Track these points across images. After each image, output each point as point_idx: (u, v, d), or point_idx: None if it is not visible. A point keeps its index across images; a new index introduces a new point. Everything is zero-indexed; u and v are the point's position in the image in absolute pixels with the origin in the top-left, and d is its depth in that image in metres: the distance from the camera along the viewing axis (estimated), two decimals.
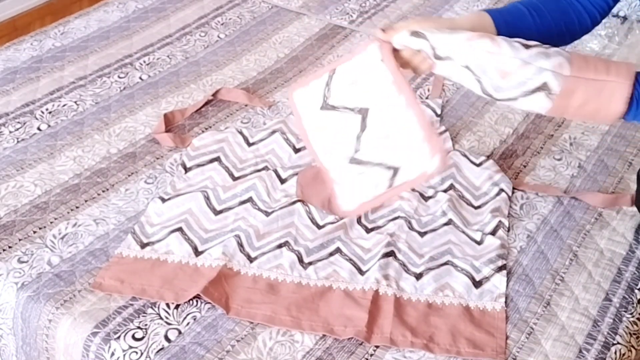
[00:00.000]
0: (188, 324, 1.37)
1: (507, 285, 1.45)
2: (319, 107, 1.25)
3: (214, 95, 1.97)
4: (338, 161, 1.25)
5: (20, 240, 1.53)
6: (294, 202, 1.60)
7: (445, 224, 1.57)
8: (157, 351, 1.32)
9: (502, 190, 1.66)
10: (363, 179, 1.22)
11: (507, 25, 1.31)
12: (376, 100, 1.21)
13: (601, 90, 1.18)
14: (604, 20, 2.28)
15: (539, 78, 1.18)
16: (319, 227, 1.56)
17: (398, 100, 1.20)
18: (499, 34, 1.29)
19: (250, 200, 1.62)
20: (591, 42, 2.22)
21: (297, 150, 1.77)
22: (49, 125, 1.85)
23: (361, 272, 1.47)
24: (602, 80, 1.18)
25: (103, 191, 1.66)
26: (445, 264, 1.48)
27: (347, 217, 1.46)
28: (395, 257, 1.49)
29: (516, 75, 1.18)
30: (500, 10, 1.34)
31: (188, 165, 1.72)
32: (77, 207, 1.61)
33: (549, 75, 1.17)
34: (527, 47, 1.20)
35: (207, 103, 1.95)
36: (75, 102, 1.94)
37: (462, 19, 1.32)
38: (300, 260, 1.48)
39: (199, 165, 1.72)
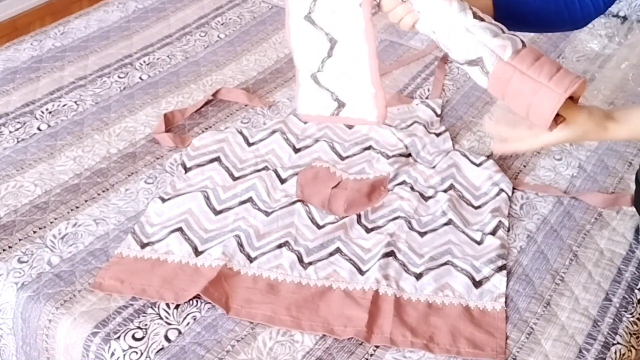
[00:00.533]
0: (188, 324, 1.37)
1: (507, 285, 1.45)
2: (303, 15, 1.29)
3: (214, 95, 1.97)
4: (304, 69, 1.33)
5: (20, 240, 1.53)
6: (294, 202, 1.60)
7: (445, 224, 1.57)
8: (157, 351, 1.32)
9: (502, 190, 1.66)
10: (317, 96, 1.33)
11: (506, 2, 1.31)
12: (345, 38, 1.26)
13: (536, 92, 1.15)
14: (603, 20, 2.29)
15: (476, 51, 1.18)
16: (319, 227, 1.56)
17: (362, 48, 1.25)
18: (495, 6, 1.29)
19: (250, 200, 1.62)
20: (591, 42, 2.22)
21: (297, 150, 1.77)
22: (49, 125, 1.85)
23: (361, 272, 1.47)
24: (539, 82, 1.15)
25: (103, 191, 1.66)
26: (445, 264, 1.48)
27: (303, 119, 1.56)
28: (395, 257, 1.49)
29: (459, 41, 1.19)
30: None
31: (188, 165, 1.72)
32: (77, 207, 1.61)
33: (486, 52, 1.17)
34: (479, 18, 1.19)
35: (207, 103, 1.95)
36: (75, 102, 1.94)
37: None
38: (300, 260, 1.48)
39: (199, 165, 1.72)
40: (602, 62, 2.15)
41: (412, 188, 1.66)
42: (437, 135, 1.83)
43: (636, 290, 1.47)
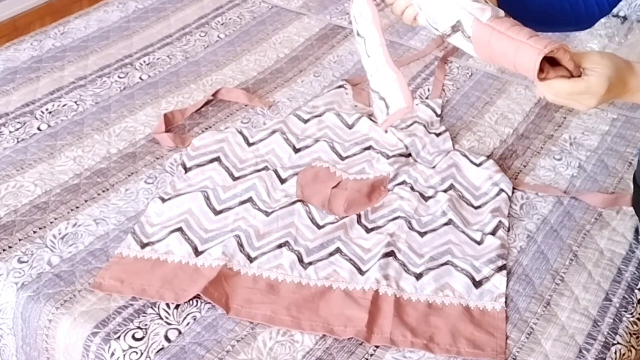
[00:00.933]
0: (188, 324, 1.37)
1: (507, 285, 1.45)
2: (355, 33, 1.34)
3: (214, 95, 1.97)
4: (371, 84, 1.35)
5: (20, 240, 1.53)
6: (294, 202, 1.60)
7: (445, 224, 1.57)
8: (157, 351, 1.32)
9: (502, 190, 1.66)
10: (377, 103, 1.33)
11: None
12: (368, 33, 1.28)
13: (517, 49, 1.14)
14: (603, 20, 2.29)
15: (455, 15, 1.18)
16: (319, 227, 1.56)
17: (375, 36, 1.27)
18: (499, 5, 1.29)
19: (250, 200, 1.62)
20: (591, 42, 2.22)
21: (297, 150, 1.77)
22: (49, 125, 1.85)
23: (361, 272, 1.47)
24: (517, 40, 1.14)
25: (103, 191, 1.66)
26: (445, 264, 1.48)
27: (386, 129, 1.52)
28: (395, 257, 1.49)
29: (441, 6, 1.19)
30: None
31: (188, 165, 1.72)
32: (77, 207, 1.61)
33: (464, 15, 1.17)
34: None
35: (207, 103, 1.95)
36: (75, 102, 1.94)
37: None
38: (300, 260, 1.48)
39: (199, 165, 1.72)
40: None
41: (412, 188, 1.66)
42: (437, 135, 1.83)
43: (636, 290, 1.47)
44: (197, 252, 1.50)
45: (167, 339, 1.34)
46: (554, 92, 1.15)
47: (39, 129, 1.84)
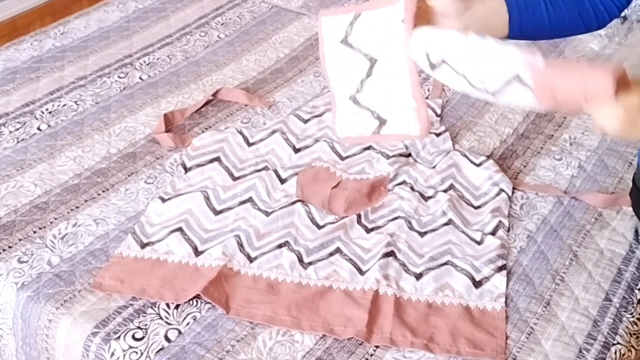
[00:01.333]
0: (188, 324, 1.37)
1: (507, 285, 1.45)
2: (339, 40, 1.29)
3: (214, 95, 1.97)
4: (342, 93, 1.32)
5: (20, 240, 1.53)
6: (294, 202, 1.60)
7: (445, 224, 1.57)
8: (157, 351, 1.32)
9: (502, 190, 1.66)
10: (356, 118, 1.31)
11: (519, 10, 1.30)
12: (386, 56, 1.26)
13: (584, 79, 1.11)
14: None
15: (509, 70, 1.15)
16: (319, 227, 1.56)
17: (403, 64, 1.24)
18: (510, 18, 1.29)
19: (250, 200, 1.62)
20: (591, 42, 2.22)
21: (297, 150, 1.77)
22: (49, 125, 1.85)
23: (361, 272, 1.47)
24: (581, 71, 1.12)
25: (103, 191, 1.66)
26: (445, 264, 1.48)
27: (343, 142, 1.50)
28: (395, 257, 1.49)
29: (488, 66, 1.17)
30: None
31: (188, 165, 1.72)
32: (77, 207, 1.61)
33: (519, 67, 1.14)
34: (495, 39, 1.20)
35: (207, 103, 1.95)
36: (75, 102, 1.94)
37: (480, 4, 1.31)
38: (300, 260, 1.48)
39: (199, 165, 1.72)
40: (602, 62, 2.15)
41: (412, 188, 1.66)
42: (437, 135, 1.83)
43: (636, 290, 1.47)
44: (197, 252, 1.50)
45: (167, 339, 1.34)
46: (629, 106, 1.14)
47: (39, 129, 1.84)
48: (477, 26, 1.23)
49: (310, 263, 1.48)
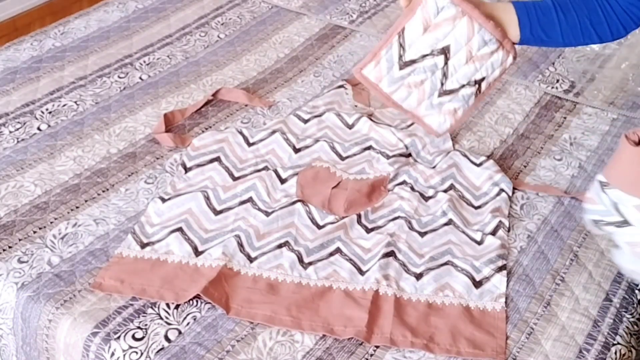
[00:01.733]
0: (188, 324, 1.37)
1: (507, 286, 1.45)
2: (397, 69, 1.31)
3: (214, 95, 1.97)
4: (425, 102, 1.35)
5: (20, 240, 1.53)
6: (294, 202, 1.60)
7: (446, 224, 1.57)
8: (157, 351, 1.32)
9: (502, 190, 1.66)
10: (453, 102, 1.34)
11: (528, 14, 1.32)
12: (454, 36, 1.28)
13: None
14: None
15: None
16: (319, 227, 1.56)
17: (471, 27, 1.28)
18: (520, 20, 1.32)
19: (250, 200, 1.62)
20: None
21: (297, 150, 1.77)
22: (49, 125, 1.85)
23: (361, 272, 1.47)
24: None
25: (103, 191, 1.66)
26: (446, 264, 1.48)
27: (440, 136, 1.53)
28: (396, 257, 1.49)
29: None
30: (526, 3, 1.34)
31: (188, 165, 1.72)
32: (77, 207, 1.61)
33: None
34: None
35: (207, 103, 1.95)
36: (75, 102, 1.94)
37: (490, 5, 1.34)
38: (300, 260, 1.48)
39: (199, 165, 1.72)
40: (602, 62, 2.15)
41: (412, 188, 1.66)
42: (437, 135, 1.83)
43: (636, 291, 1.47)
44: (197, 252, 1.50)
45: (167, 339, 1.34)
46: None
47: (39, 129, 1.84)
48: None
49: (310, 263, 1.48)
